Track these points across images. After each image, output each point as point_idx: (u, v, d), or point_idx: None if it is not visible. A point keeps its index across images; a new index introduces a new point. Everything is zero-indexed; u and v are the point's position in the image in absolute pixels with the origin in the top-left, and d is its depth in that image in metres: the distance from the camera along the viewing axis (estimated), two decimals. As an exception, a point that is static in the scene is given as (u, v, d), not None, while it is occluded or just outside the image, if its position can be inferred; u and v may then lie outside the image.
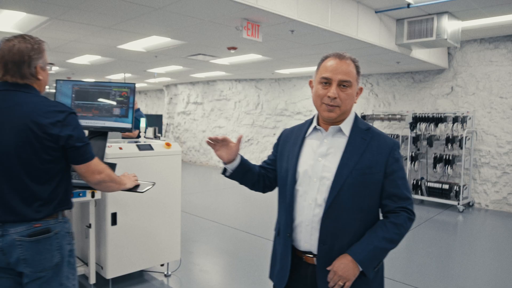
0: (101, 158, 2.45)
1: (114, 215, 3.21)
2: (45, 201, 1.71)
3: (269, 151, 10.76)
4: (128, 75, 10.51)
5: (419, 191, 7.20)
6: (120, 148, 3.25)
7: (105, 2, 3.87)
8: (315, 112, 1.65)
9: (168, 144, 3.57)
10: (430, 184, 7.09)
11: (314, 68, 1.64)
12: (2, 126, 1.64)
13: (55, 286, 1.73)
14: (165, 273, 3.72)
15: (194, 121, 12.86)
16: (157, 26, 4.79)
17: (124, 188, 2.08)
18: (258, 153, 11.00)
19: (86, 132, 1.84)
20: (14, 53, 1.70)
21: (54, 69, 9.32)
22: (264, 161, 1.83)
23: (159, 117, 11.97)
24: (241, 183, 1.77)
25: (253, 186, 1.79)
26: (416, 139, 7.38)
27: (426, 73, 7.79)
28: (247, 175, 1.73)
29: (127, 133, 5.86)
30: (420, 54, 6.41)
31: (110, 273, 3.23)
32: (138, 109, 6.65)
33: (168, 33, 5.23)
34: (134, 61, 7.80)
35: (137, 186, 2.21)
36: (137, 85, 14.12)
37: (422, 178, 7.34)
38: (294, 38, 5.18)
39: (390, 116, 7.81)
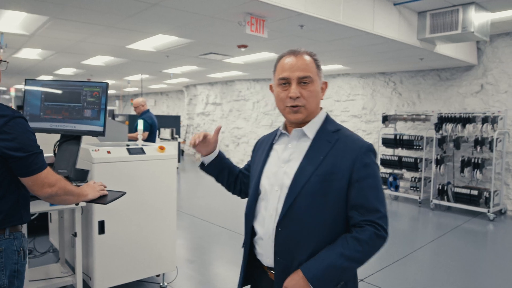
0: (74, 164, 2.25)
1: (101, 223, 3.02)
2: None
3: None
4: (145, 76, 10.46)
5: (445, 197, 6.71)
6: (109, 152, 3.05)
7: (105, 0, 3.70)
8: (335, 112, 1.41)
9: (161, 148, 3.35)
10: (457, 190, 6.58)
11: (334, 66, 1.41)
12: None
13: None
14: (161, 284, 3.51)
15: (213, 122, 12.71)
16: (158, 24, 4.60)
17: (85, 199, 1.86)
18: (277, 154, 10.70)
19: (34, 136, 1.60)
20: None
21: (72, 71, 9.37)
22: (244, 166, 1.72)
23: (177, 118, 11.87)
24: (217, 180, 1.72)
25: (229, 187, 1.73)
26: (442, 141, 6.89)
27: (453, 70, 7.28)
28: (223, 172, 1.68)
29: (132, 135, 5.73)
30: (446, 49, 5.95)
31: (98, 285, 3.04)
32: (148, 111, 6.52)
33: (172, 31, 5.04)
34: (147, 61, 7.69)
35: (103, 196, 1.99)
36: (157, 86, 14.14)
37: (448, 183, 6.85)
38: (305, 33, 4.87)
39: (414, 116, 7.35)
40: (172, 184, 3.40)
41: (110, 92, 17.24)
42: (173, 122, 11.35)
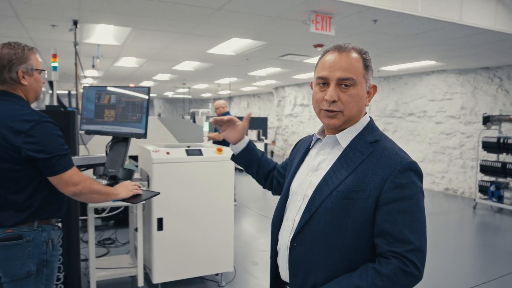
0: (121, 164, 2.40)
1: (160, 220, 3.18)
2: (18, 208, 1.69)
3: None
4: (233, 79, 10.83)
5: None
6: (168, 153, 3.20)
7: (171, 9, 3.92)
8: (429, 112, 1.27)
9: (219, 150, 3.40)
10: None
11: (425, 62, 1.26)
12: None
13: None
14: (219, 283, 3.57)
15: (301, 124, 12.63)
16: (229, 28, 4.71)
17: (116, 198, 1.96)
18: (365, 157, 10.20)
19: (61, 139, 1.74)
20: None
21: (167, 76, 10.13)
22: (282, 163, 1.63)
23: (264, 120, 12.05)
24: (246, 171, 1.66)
25: (259, 180, 1.67)
26: (558, 146, 5.84)
27: None
28: (252, 165, 1.62)
29: (211, 136, 5.97)
30: (561, 37, 5.02)
31: (157, 278, 3.21)
32: (228, 112, 6.72)
33: (245, 34, 5.12)
34: (230, 65, 7.94)
35: (136, 196, 2.08)
36: (248, 89, 14.56)
37: None
38: (380, 28, 4.54)
39: (523, 117, 6.37)
40: (230, 186, 3.43)
41: (204, 95, 18.28)
42: (260, 123, 11.55)
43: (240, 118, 1.62)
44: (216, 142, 5.98)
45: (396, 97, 9.37)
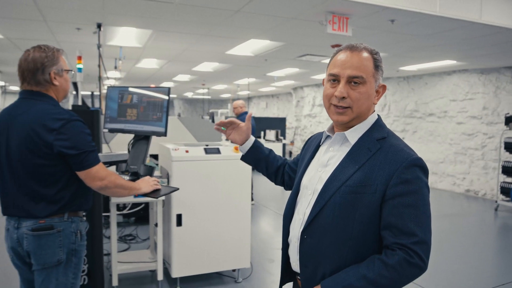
0: (142, 161, 2.51)
1: (179, 217, 3.27)
2: (50, 201, 1.80)
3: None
4: (252, 79, 10.92)
5: None
6: (187, 151, 3.30)
7: (191, 11, 4.03)
8: (450, 113, 1.33)
9: (237, 148, 3.49)
10: None
11: (446, 62, 1.32)
12: (12, 133, 1.78)
13: (53, 281, 1.81)
14: (236, 279, 3.65)
15: (320, 124, 12.61)
16: (247, 29, 4.79)
17: (138, 192, 2.07)
18: (384, 158, 10.10)
19: (89, 137, 1.85)
20: (29, 61, 1.83)
21: (187, 77, 10.30)
22: (293, 159, 1.70)
23: (282, 120, 12.09)
24: (256, 169, 1.73)
25: (269, 177, 1.74)
26: None
27: None
28: (260, 163, 1.69)
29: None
30: None
31: (176, 272, 3.31)
32: (245, 113, 6.80)
33: (263, 35, 5.19)
34: (249, 65, 8.03)
35: (156, 190, 2.17)
36: (267, 89, 14.62)
37: None
38: (397, 28, 4.54)
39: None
40: (247, 184, 3.51)
41: (223, 96, 18.44)
42: (278, 124, 11.60)
43: (259, 118, 1.69)
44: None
45: (416, 97, 9.27)
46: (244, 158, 1.70)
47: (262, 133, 10.70)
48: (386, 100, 10.09)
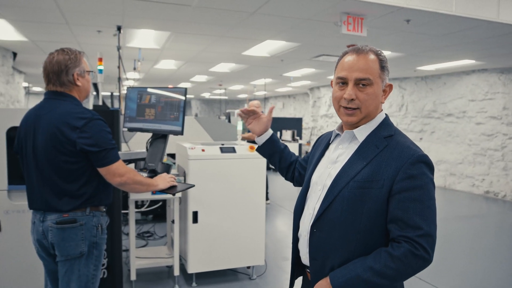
0: (160, 159, 2.59)
1: (195, 214, 3.36)
2: (73, 196, 1.90)
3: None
4: (268, 80, 10.98)
5: None
6: (203, 150, 3.38)
7: (207, 13, 4.12)
8: (469, 113, 1.38)
9: (252, 148, 3.55)
10: None
11: (464, 62, 1.36)
12: (37, 132, 1.89)
13: (75, 272, 1.91)
14: (250, 276, 3.71)
15: (336, 124, 12.45)
16: (263, 30, 4.86)
17: (155, 189, 2.16)
18: (401, 159, 9.99)
19: (110, 135, 1.95)
20: (53, 64, 1.93)
21: (204, 77, 10.43)
22: (304, 157, 1.76)
23: (299, 120, 12.10)
24: (269, 161, 1.78)
25: (281, 171, 1.78)
26: None
27: None
28: (274, 156, 1.73)
29: (245, 136, 6.14)
30: None
31: (192, 268, 3.39)
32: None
33: (278, 36, 5.24)
34: (265, 66, 8.09)
35: (173, 187, 2.26)
36: (283, 89, 14.66)
37: None
38: (413, 28, 4.52)
39: None
40: (261, 182, 3.57)
41: (240, 96, 18.54)
42: (294, 124, 11.62)
43: (275, 119, 1.74)
44: (250, 141, 6.14)
45: (434, 97, 9.16)
46: (259, 149, 1.76)
47: (278, 133, 10.76)
48: (403, 100, 10.01)
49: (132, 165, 2.71)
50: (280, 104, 18.54)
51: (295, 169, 1.75)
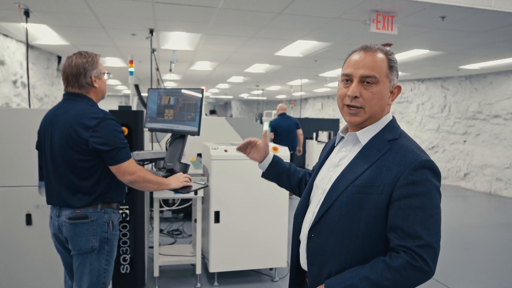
0: (178, 158, 2.64)
1: (217, 214, 3.38)
2: (86, 193, 1.98)
3: (457, 161, 9.24)
4: (304, 80, 10.87)
5: None
6: (225, 151, 3.40)
7: (233, 15, 4.15)
8: None
9: (275, 148, 3.53)
10: None
11: (506, 60, 1.30)
12: (55, 130, 1.98)
13: (87, 266, 1.99)
14: (273, 278, 3.69)
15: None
16: (292, 30, 4.82)
17: (167, 188, 2.19)
18: (444, 162, 9.57)
19: (122, 135, 2.01)
20: (72, 67, 2.02)
21: (240, 78, 10.51)
22: (312, 168, 1.69)
23: (335, 121, 11.87)
24: (279, 185, 1.73)
25: (293, 191, 1.70)
26: None
27: None
28: (282, 177, 1.68)
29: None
30: None
31: (213, 267, 3.42)
32: (281, 114, 6.79)
33: (309, 36, 5.18)
34: (299, 66, 8.02)
35: (187, 187, 2.28)
36: (322, 90, 14.46)
37: None
38: (449, 25, 4.30)
39: None
40: (284, 183, 3.53)
41: (278, 97, 18.50)
42: (331, 125, 11.41)
43: (312, 120, 1.68)
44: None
45: (480, 97, 8.67)
46: (265, 175, 1.70)
47: (314, 134, 10.61)
48: (446, 101, 9.56)
49: (149, 165, 2.77)
50: (319, 105, 18.30)
51: (306, 183, 1.68)
